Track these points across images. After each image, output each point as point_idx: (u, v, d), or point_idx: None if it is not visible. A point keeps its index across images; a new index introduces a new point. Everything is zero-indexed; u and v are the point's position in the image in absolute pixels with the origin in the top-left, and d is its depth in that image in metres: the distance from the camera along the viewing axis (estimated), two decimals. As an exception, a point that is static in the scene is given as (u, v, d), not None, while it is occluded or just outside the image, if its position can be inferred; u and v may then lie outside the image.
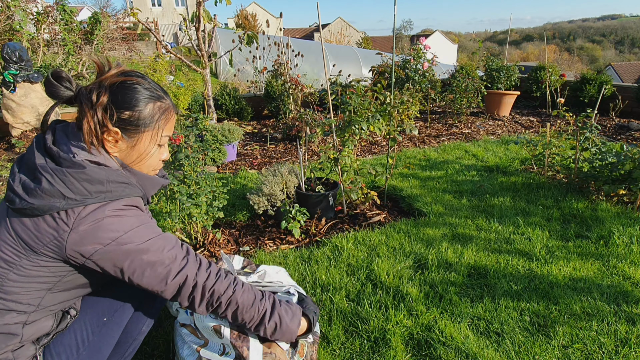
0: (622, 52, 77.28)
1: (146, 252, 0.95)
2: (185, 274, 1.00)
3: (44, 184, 0.87)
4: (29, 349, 0.98)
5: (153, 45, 14.10)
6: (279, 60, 5.49)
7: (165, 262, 0.98)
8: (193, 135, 2.18)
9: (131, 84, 0.97)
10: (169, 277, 0.99)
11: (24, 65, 4.19)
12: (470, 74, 5.75)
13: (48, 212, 0.88)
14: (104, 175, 0.92)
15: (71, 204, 0.88)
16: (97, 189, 0.91)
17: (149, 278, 0.97)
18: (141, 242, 0.94)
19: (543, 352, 1.45)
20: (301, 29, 46.26)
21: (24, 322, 0.95)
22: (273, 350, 1.15)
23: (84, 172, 0.89)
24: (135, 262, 0.94)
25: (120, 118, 0.95)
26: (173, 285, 0.99)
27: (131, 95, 0.96)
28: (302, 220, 2.30)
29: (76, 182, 0.89)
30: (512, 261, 2.05)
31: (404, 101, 4.18)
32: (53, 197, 0.87)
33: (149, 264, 0.96)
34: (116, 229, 0.92)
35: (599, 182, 2.73)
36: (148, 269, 0.96)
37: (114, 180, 0.94)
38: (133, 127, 0.98)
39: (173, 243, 1.01)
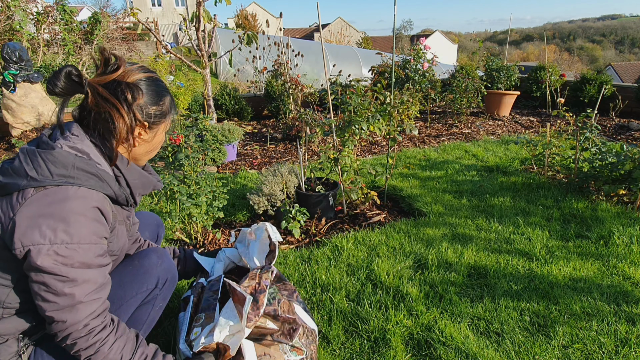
0: (622, 52, 77.28)
1: (55, 278, 0.87)
2: (66, 318, 0.90)
3: (15, 162, 0.90)
4: (12, 346, 0.97)
5: (153, 45, 14.10)
6: (279, 60, 5.49)
7: (60, 296, 0.89)
8: (193, 135, 2.18)
9: (155, 80, 1.02)
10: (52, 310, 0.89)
11: (24, 65, 4.19)
12: (470, 74, 5.75)
13: (11, 190, 0.87)
14: (70, 159, 0.90)
15: (32, 183, 0.87)
16: (59, 172, 0.89)
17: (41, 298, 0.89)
18: (61, 265, 0.87)
19: (543, 352, 1.45)
20: (301, 29, 46.26)
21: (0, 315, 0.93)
22: (267, 351, 1.15)
23: (51, 153, 0.89)
24: (40, 277, 0.87)
25: (148, 113, 1.00)
26: (49, 319, 0.90)
27: (157, 91, 1.02)
28: (302, 220, 2.30)
29: (42, 163, 0.88)
30: (512, 261, 2.05)
31: (404, 101, 4.18)
32: (19, 175, 0.88)
33: (47, 287, 0.88)
34: (51, 237, 0.85)
35: (599, 182, 2.73)
36: (43, 290, 0.88)
37: (80, 168, 0.91)
38: (157, 120, 1.03)
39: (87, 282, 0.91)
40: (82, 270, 0.90)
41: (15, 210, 0.86)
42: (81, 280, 0.90)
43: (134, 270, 1.14)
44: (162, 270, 1.18)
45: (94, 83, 0.94)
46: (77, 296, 0.90)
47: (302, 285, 1.88)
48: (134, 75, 0.98)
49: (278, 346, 1.19)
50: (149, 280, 1.14)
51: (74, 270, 0.89)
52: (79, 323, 0.91)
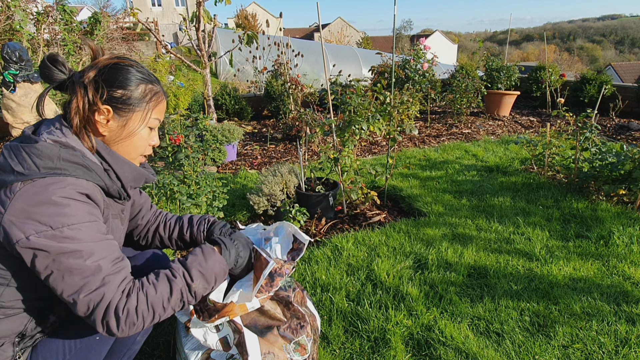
0: (622, 52, 77.29)
1: (71, 256, 0.86)
2: (103, 293, 0.87)
3: (0, 159, 0.89)
4: (7, 350, 0.95)
5: (153, 45, 14.10)
6: (279, 60, 5.49)
7: (85, 273, 0.87)
8: (193, 135, 2.18)
9: (124, 65, 1.00)
10: (83, 291, 0.87)
11: (24, 65, 4.19)
12: (470, 74, 5.76)
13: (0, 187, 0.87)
14: (55, 151, 0.90)
15: (19, 178, 0.86)
16: (45, 164, 0.88)
17: (64, 285, 0.86)
18: (70, 242, 0.86)
19: (543, 352, 1.45)
20: (301, 29, 46.25)
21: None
22: (271, 349, 1.16)
23: (35, 146, 0.89)
24: (56, 263, 0.85)
25: (112, 96, 0.97)
26: (86, 302, 0.87)
27: (124, 75, 0.99)
28: (302, 220, 2.30)
29: (27, 157, 0.88)
30: (512, 261, 2.05)
31: (404, 101, 4.18)
32: (5, 171, 0.87)
33: (67, 270, 0.85)
34: (48, 222, 0.84)
35: (599, 182, 2.73)
36: (66, 274, 0.86)
37: (67, 159, 0.90)
38: (124, 106, 0.99)
39: (104, 252, 0.91)
40: (94, 244, 0.89)
41: (5, 206, 0.84)
42: (98, 253, 0.89)
43: None
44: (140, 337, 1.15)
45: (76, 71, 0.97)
46: (103, 267, 0.89)
47: (302, 285, 1.88)
48: (105, 61, 0.98)
49: (282, 344, 1.19)
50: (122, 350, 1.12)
51: (86, 245, 0.88)
52: (117, 292, 0.89)
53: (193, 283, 1.00)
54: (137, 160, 1.10)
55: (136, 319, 0.91)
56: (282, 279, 1.19)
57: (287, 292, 1.26)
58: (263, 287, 1.14)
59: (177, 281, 0.98)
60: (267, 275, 1.12)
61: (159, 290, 0.95)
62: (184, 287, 0.98)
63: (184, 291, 0.98)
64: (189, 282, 0.99)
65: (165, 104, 1.11)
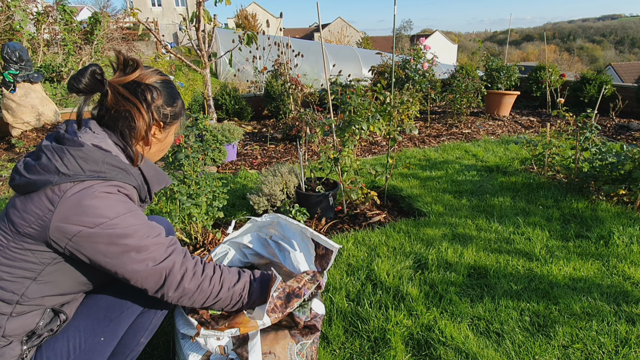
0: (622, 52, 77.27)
1: (131, 237, 0.93)
2: (173, 261, 0.99)
3: (42, 159, 0.92)
4: (15, 349, 0.96)
5: (153, 45, 14.10)
6: (279, 60, 5.49)
7: (150, 249, 0.96)
8: (193, 135, 2.18)
9: (169, 83, 1.09)
10: (154, 262, 0.96)
11: (24, 65, 4.19)
12: (470, 74, 5.75)
13: (42, 186, 0.90)
14: (100, 155, 0.95)
15: (64, 179, 0.90)
16: (91, 167, 0.93)
17: (132, 264, 0.94)
18: (126, 227, 0.93)
19: (543, 352, 1.45)
20: (301, 29, 46.26)
21: (9, 313, 0.93)
22: (273, 350, 1.15)
23: (82, 150, 0.93)
24: (119, 246, 0.92)
25: (164, 114, 1.07)
26: (158, 272, 0.96)
27: (171, 93, 1.08)
28: (302, 220, 2.30)
29: (72, 159, 0.92)
30: (512, 261, 2.05)
31: (404, 101, 4.18)
32: (49, 172, 0.91)
33: (133, 248, 0.93)
34: (102, 214, 0.90)
35: (599, 182, 2.73)
36: (133, 253, 0.93)
37: (110, 163, 0.96)
38: (170, 121, 1.09)
39: (158, 231, 1.00)
40: (146, 225, 0.98)
41: (55, 204, 0.88)
42: (154, 231, 0.98)
43: None
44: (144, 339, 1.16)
45: (115, 83, 0.99)
46: (164, 242, 0.99)
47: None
48: (151, 78, 1.04)
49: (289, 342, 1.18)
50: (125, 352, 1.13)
51: (144, 226, 0.96)
52: (186, 256, 1.02)
53: (255, 283, 1.13)
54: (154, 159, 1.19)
55: (207, 286, 1.03)
56: (299, 300, 1.17)
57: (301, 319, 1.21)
58: (277, 307, 1.14)
59: (245, 276, 1.12)
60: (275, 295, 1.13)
61: (230, 273, 1.09)
62: (247, 283, 1.11)
63: (245, 287, 1.11)
64: (252, 281, 1.12)
65: None
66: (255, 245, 1.60)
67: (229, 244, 1.63)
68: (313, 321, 1.23)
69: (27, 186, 0.91)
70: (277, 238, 1.54)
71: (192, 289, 1.01)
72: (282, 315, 1.14)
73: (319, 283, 1.26)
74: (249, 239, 1.61)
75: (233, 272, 1.12)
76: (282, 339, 1.18)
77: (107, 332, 1.05)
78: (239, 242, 1.62)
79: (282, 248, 1.49)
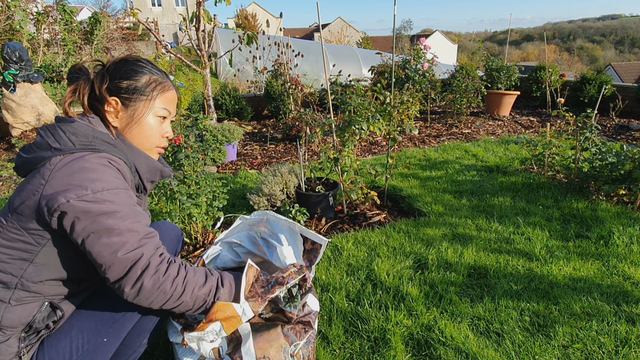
0: (622, 52, 77.27)
1: (110, 217, 0.90)
2: (141, 253, 0.93)
3: (37, 139, 0.97)
4: (12, 345, 0.96)
5: (153, 45, 14.10)
6: (279, 60, 5.49)
7: (124, 234, 0.91)
8: (193, 135, 2.18)
9: (131, 60, 1.08)
10: (122, 249, 0.90)
11: (24, 65, 4.19)
12: (470, 74, 5.75)
13: (37, 163, 0.94)
14: (90, 130, 0.98)
15: (56, 153, 0.93)
16: (81, 141, 0.96)
17: (101, 245, 0.90)
18: (110, 204, 0.91)
19: (543, 352, 1.45)
20: (301, 29, 46.25)
21: (7, 300, 0.94)
22: (267, 354, 1.14)
23: (72, 125, 0.97)
24: (95, 224, 0.89)
25: (118, 87, 1.04)
26: (122, 263, 0.91)
27: (129, 68, 1.06)
28: (302, 220, 2.30)
29: (63, 134, 0.95)
30: (512, 261, 2.05)
31: (404, 101, 4.18)
32: (42, 149, 0.95)
33: (107, 230, 0.90)
34: (88, 186, 0.89)
35: (599, 182, 2.73)
36: (105, 235, 0.90)
37: (100, 138, 0.98)
38: (129, 95, 1.05)
39: (139, 218, 0.96)
40: (130, 207, 0.95)
41: (46, 177, 0.90)
42: (133, 216, 0.95)
43: None
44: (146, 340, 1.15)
45: None
46: (140, 230, 0.95)
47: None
48: (113, 60, 1.08)
49: (282, 344, 1.17)
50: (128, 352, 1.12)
51: (123, 207, 0.94)
52: (155, 254, 0.96)
53: (222, 288, 1.07)
54: (153, 152, 1.15)
55: (169, 288, 0.96)
56: (280, 288, 1.16)
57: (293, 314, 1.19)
58: (258, 293, 1.12)
59: (212, 278, 1.07)
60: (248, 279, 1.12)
61: (196, 275, 1.03)
62: (214, 287, 1.06)
63: (212, 289, 1.05)
64: (219, 285, 1.07)
65: (175, 95, 1.15)
66: (247, 243, 1.59)
67: (220, 244, 1.63)
68: (307, 317, 1.22)
69: (24, 166, 0.96)
70: (265, 235, 1.54)
71: (150, 288, 0.93)
72: (262, 301, 1.11)
73: (304, 275, 1.26)
74: (240, 238, 1.61)
75: (200, 275, 1.04)
76: (275, 341, 1.16)
77: (111, 333, 1.05)
78: (230, 242, 1.62)
79: (270, 245, 1.49)
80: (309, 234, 1.41)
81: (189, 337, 1.08)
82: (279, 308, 1.21)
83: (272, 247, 1.46)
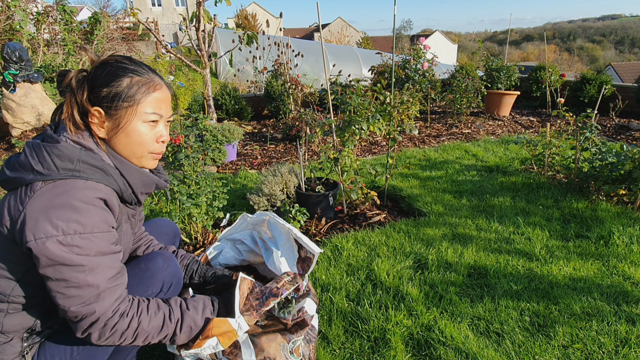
0: (622, 52, 77.28)
1: (72, 269, 0.86)
2: (94, 309, 0.89)
3: (21, 157, 0.91)
4: (16, 345, 0.96)
5: (153, 45, 14.10)
6: (279, 60, 5.49)
7: (82, 288, 0.87)
8: (193, 135, 2.18)
9: (110, 63, 0.98)
10: (75, 303, 0.88)
11: (24, 65, 4.19)
12: (470, 74, 5.75)
13: (17, 185, 0.89)
14: (76, 153, 0.91)
15: (38, 177, 0.88)
16: (65, 165, 0.89)
17: (58, 290, 0.87)
18: (75, 255, 0.86)
19: (543, 352, 1.45)
20: (301, 29, 46.25)
21: (5, 310, 0.93)
22: (266, 354, 1.14)
23: (56, 146, 0.90)
24: (56, 272, 0.86)
25: (99, 96, 0.95)
26: (75, 312, 0.88)
27: (108, 72, 0.96)
28: (302, 220, 2.30)
29: (47, 157, 0.89)
30: (512, 261, 2.05)
31: (404, 101, 4.18)
32: (25, 169, 0.89)
33: (65, 281, 0.86)
34: (60, 227, 0.84)
35: (599, 182, 2.73)
36: (62, 284, 0.86)
37: (86, 162, 0.92)
38: (111, 104, 0.96)
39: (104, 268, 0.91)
40: (99, 257, 0.90)
41: (24, 204, 0.85)
42: (100, 268, 0.89)
43: (139, 274, 1.12)
44: (168, 274, 1.16)
45: None
46: (101, 285, 0.89)
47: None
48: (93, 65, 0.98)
49: (281, 342, 1.18)
50: (154, 284, 1.12)
51: (90, 259, 0.88)
52: (109, 310, 0.91)
53: (180, 334, 1.03)
54: (146, 159, 1.05)
55: (117, 339, 0.94)
56: (275, 300, 1.16)
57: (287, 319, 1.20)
58: (253, 306, 1.12)
59: (169, 326, 1.01)
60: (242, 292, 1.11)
61: (151, 325, 0.98)
62: (170, 334, 1.02)
63: (168, 336, 1.02)
64: (176, 332, 1.03)
65: (166, 94, 1.04)
66: (249, 242, 1.60)
67: (223, 242, 1.63)
68: (303, 317, 1.23)
69: (7, 182, 0.91)
70: (265, 237, 1.54)
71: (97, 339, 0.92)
72: (257, 315, 1.12)
73: (297, 285, 1.26)
74: (243, 236, 1.61)
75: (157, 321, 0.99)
76: (273, 340, 1.16)
77: None
78: (234, 239, 1.62)
79: (267, 248, 1.49)
80: (303, 242, 1.41)
81: (186, 354, 1.09)
82: (273, 316, 1.21)
83: (269, 250, 1.47)
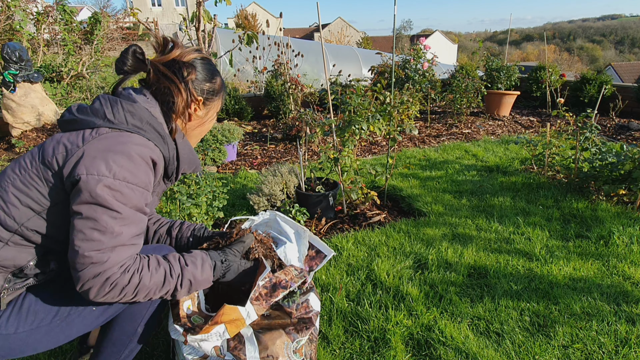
0: (622, 52, 77.27)
1: (107, 213, 0.88)
2: (107, 258, 0.88)
3: (95, 104, 0.99)
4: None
5: (153, 45, 14.07)
6: (279, 60, 5.49)
7: (106, 234, 0.88)
8: (193, 135, 2.18)
9: (208, 60, 1.13)
10: (92, 247, 0.87)
11: (24, 65, 4.19)
12: (470, 74, 5.75)
13: (86, 126, 0.96)
14: (146, 115, 1.00)
15: (106, 124, 0.96)
16: (134, 122, 0.98)
17: (79, 231, 0.87)
18: (117, 201, 0.88)
19: (543, 352, 1.45)
20: (301, 29, 46.25)
21: (6, 240, 0.93)
22: (270, 352, 1.14)
23: (132, 105, 0.99)
24: (91, 210, 0.87)
25: (203, 89, 1.10)
26: (86, 257, 0.87)
27: (210, 70, 1.12)
28: (302, 220, 2.30)
29: (121, 110, 0.98)
30: (512, 261, 2.05)
31: (404, 101, 4.17)
32: (96, 116, 0.97)
33: (95, 220, 0.87)
34: (113, 169, 0.88)
35: (599, 182, 2.73)
36: (90, 224, 0.87)
37: (152, 125, 1.01)
38: (210, 97, 1.13)
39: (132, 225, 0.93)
40: (133, 211, 0.93)
41: (85, 142, 0.92)
42: (130, 221, 0.92)
43: None
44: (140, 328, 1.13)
45: (156, 62, 1.05)
46: (124, 236, 0.91)
47: (302, 285, 1.88)
48: (189, 55, 1.08)
49: (285, 341, 1.18)
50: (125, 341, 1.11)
51: (126, 209, 0.91)
52: (118, 264, 0.90)
53: (180, 290, 1.03)
54: (197, 140, 1.22)
55: (117, 295, 0.92)
56: (284, 292, 1.16)
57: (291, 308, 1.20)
58: (262, 296, 1.12)
59: (171, 282, 1.00)
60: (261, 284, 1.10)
61: (152, 281, 0.96)
62: (172, 290, 1.02)
63: (169, 292, 1.02)
64: (177, 287, 1.02)
65: None
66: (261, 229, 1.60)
67: None
68: (310, 314, 1.23)
69: (71, 123, 0.97)
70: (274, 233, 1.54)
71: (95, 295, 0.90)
72: (267, 305, 1.12)
73: (305, 279, 1.27)
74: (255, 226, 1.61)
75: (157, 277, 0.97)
76: (277, 338, 1.17)
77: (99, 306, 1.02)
78: None
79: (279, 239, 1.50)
80: (316, 242, 1.42)
81: (192, 339, 1.08)
82: (277, 304, 1.21)
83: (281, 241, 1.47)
